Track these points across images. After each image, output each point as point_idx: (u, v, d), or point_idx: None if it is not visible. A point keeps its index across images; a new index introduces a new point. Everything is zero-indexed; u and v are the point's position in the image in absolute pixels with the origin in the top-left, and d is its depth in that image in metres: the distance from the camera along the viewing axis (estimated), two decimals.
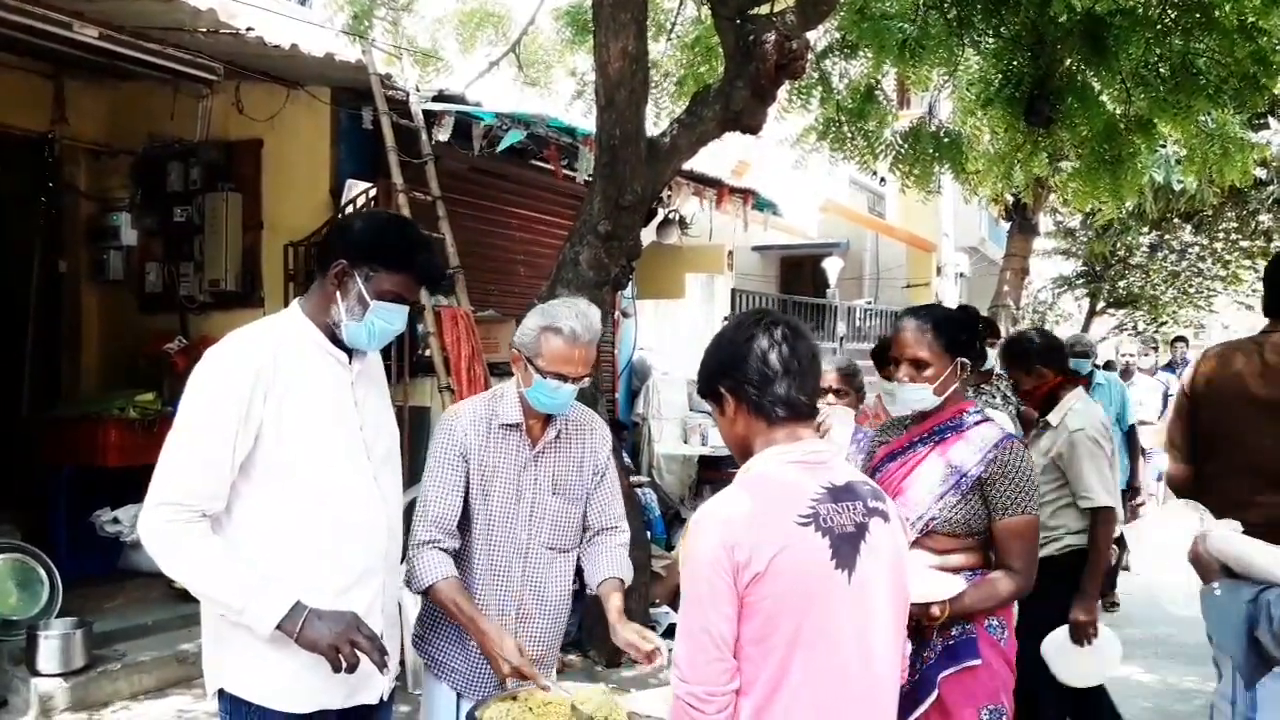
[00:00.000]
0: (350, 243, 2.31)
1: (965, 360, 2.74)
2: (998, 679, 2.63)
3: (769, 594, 1.79)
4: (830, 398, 3.81)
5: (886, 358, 4.75)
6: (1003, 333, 7.52)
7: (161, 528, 2.13)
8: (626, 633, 2.58)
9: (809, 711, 1.82)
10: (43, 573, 5.22)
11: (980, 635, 2.61)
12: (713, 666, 1.78)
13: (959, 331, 2.75)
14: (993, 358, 5.95)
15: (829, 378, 3.93)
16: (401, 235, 2.39)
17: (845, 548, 1.85)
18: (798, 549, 1.81)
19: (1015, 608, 2.83)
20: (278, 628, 2.11)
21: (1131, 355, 8.58)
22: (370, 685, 2.35)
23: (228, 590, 2.14)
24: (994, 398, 5.77)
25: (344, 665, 2.14)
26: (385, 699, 2.43)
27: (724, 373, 1.97)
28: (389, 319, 2.30)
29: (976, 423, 2.74)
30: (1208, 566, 2.32)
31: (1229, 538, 2.33)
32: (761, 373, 1.94)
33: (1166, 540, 2.61)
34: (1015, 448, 2.67)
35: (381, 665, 2.23)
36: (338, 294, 2.28)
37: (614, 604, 2.68)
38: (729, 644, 1.79)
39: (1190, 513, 2.59)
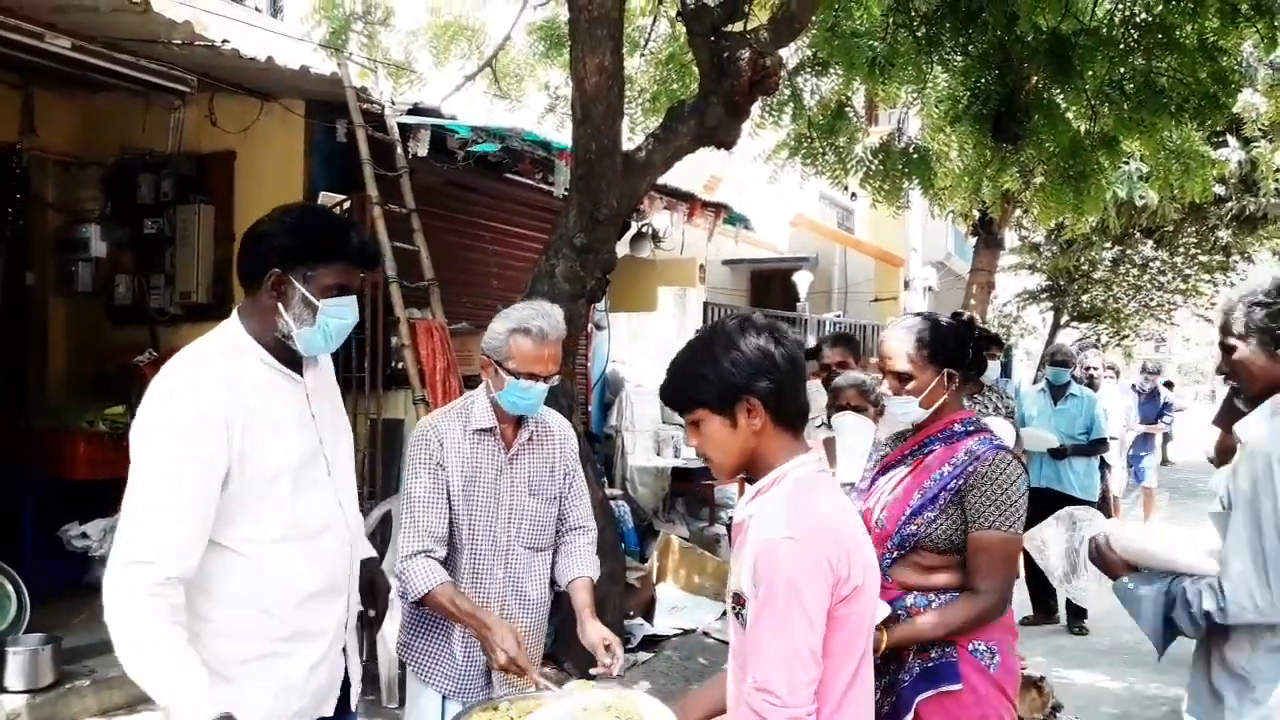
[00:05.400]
0: (277, 248, 2.16)
1: (953, 371, 2.64)
2: (985, 705, 2.50)
3: (858, 607, 1.80)
4: (849, 413, 3.87)
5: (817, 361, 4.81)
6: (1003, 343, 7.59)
7: (124, 592, 1.95)
8: (594, 633, 2.66)
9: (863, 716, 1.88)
10: (10, 587, 5.12)
11: (963, 658, 2.50)
12: (812, 686, 1.75)
13: (945, 342, 2.65)
14: (994, 369, 6.00)
15: (848, 394, 3.99)
16: (326, 224, 2.29)
17: None
18: (870, 559, 1.86)
19: (1013, 631, 2.69)
20: None
21: (1096, 368, 8.69)
22: (329, 699, 2.34)
23: (158, 686, 1.95)
24: (987, 408, 5.82)
25: None
26: (352, 709, 2.42)
27: (756, 378, 1.85)
28: (341, 314, 2.19)
29: (968, 433, 2.62)
30: (1114, 564, 2.62)
31: (1131, 536, 2.66)
32: (790, 380, 1.88)
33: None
34: (1000, 459, 2.54)
35: None
36: (279, 305, 2.15)
37: (583, 600, 2.79)
38: (821, 660, 1.77)
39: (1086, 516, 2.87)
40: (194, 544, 2.02)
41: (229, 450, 2.05)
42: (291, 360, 2.24)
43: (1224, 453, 6.04)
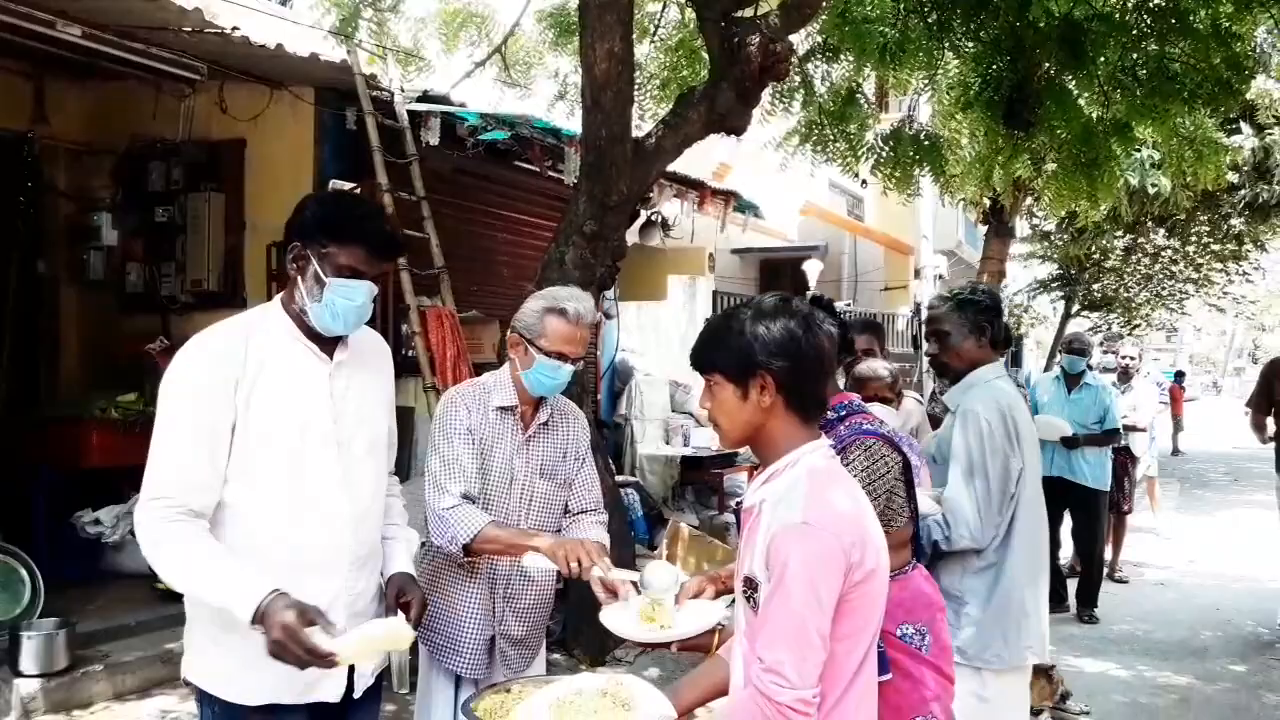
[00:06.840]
0: (300, 224, 2.27)
1: None
2: (924, 688, 2.51)
3: (870, 590, 1.82)
4: (875, 404, 3.83)
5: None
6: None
7: (147, 525, 2.13)
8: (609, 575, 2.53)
9: (869, 700, 1.88)
10: (24, 573, 5.18)
11: (890, 644, 2.45)
12: (819, 669, 1.77)
13: None
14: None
15: (873, 385, 3.92)
16: (348, 207, 2.38)
17: None
18: (881, 543, 1.88)
19: (943, 607, 2.68)
20: (255, 622, 2.02)
21: (1132, 358, 8.61)
22: (325, 683, 2.28)
23: (207, 590, 2.10)
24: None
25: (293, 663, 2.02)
26: (356, 697, 2.36)
27: (776, 357, 1.87)
28: (349, 294, 2.22)
29: (840, 419, 2.62)
30: None
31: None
32: (811, 367, 1.90)
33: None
34: (858, 445, 2.53)
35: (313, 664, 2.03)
36: (298, 278, 2.25)
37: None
38: (828, 644, 1.79)
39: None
40: (205, 480, 2.16)
41: (234, 403, 2.17)
42: (320, 338, 2.30)
43: (1259, 429, 6.50)
